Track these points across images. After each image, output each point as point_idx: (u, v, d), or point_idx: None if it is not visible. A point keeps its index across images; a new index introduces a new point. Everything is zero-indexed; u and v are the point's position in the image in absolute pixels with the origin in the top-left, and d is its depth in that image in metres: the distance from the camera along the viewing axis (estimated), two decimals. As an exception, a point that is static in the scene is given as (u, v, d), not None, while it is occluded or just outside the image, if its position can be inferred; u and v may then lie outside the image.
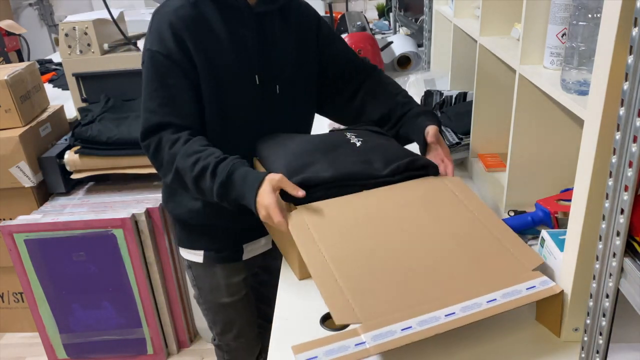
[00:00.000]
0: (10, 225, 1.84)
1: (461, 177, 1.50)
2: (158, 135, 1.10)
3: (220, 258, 1.33)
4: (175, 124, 1.10)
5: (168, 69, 1.10)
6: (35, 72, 2.17)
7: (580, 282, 0.83)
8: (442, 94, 1.68)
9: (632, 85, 0.60)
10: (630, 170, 0.62)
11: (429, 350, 0.91)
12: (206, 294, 1.40)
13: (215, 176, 1.03)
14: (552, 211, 1.06)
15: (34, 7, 4.71)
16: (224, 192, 1.03)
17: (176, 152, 1.07)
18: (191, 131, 1.11)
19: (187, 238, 1.33)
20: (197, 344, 2.19)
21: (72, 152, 1.98)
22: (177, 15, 1.10)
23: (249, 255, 1.35)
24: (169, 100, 1.10)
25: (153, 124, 1.10)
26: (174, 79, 1.10)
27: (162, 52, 1.09)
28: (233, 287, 1.38)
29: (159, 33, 1.10)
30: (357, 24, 2.57)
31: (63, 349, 2.07)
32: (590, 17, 0.82)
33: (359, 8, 4.22)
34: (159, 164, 1.12)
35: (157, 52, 1.10)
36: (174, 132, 1.09)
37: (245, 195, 1.01)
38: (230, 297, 1.39)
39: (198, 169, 1.04)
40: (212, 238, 1.31)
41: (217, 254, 1.32)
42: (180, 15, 1.10)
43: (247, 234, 1.33)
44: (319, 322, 0.99)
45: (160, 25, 1.11)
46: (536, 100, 1.07)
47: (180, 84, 1.11)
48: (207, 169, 1.04)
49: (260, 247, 1.37)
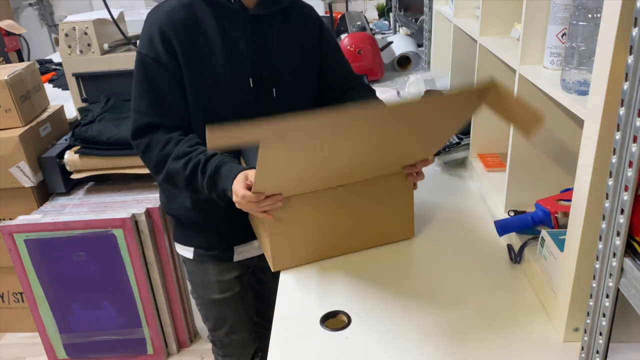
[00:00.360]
0: (10, 225, 1.84)
1: (461, 177, 1.51)
2: (148, 136, 1.13)
3: (210, 256, 1.35)
4: (165, 125, 1.13)
5: (156, 72, 1.12)
6: (35, 72, 2.17)
7: (580, 282, 0.83)
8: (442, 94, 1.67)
9: (632, 85, 0.60)
10: (630, 170, 0.62)
11: (429, 351, 0.91)
12: (198, 289, 1.43)
13: (205, 171, 1.07)
14: (552, 211, 1.06)
15: (34, 7, 4.71)
16: (212, 184, 1.07)
17: (167, 154, 1.11)
18: (182, 131, 1.14)
19: (181, 233, 1.36)
20: (197, 344, 2.19)
21: (72, 152, 1.98)
22: (168, 18, 1.12)
23: (241, 257, 1.36)
24: (158, 102, 1.13)
25: (142, 125, 1.13)
26: (163, 81, 1.13)
27: (151, 55, 1.12)
28: (224, 284, 1.39)
29: (149, 36, 1.12)
30: (357, 24, 2.57)
31: (63, 349, 2.07)
32: (590, 17, 0.81)
33: (359, 8, 4.22)
34: (149, 164, 1.16)
35: (146, 55, 1.12)
36: (164, 133, 1.13)
37: (229, 186, 1.04)
38: (221, 293, 1.40)
39: (189, 169, 1.09)
40: (203, 236, 1.33)
41: (207, 252, 1.34)
42: (171, 18, 1.11)
43: (239, 236, 1.33)
44: (319, 322, 0.99)
45: (151, 28, 1.13)
46: (536, 100, 1.07)
47: (168, 85, 1.13)
48: (198, 166, 1.08)
49: (254, 249, 1.37)
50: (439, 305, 1.01)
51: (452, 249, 1.18)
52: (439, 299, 1.03)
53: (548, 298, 0.96)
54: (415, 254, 1.17)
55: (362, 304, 1.03)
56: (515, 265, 1.11)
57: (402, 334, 0.95)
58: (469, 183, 1.48)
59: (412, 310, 1.00)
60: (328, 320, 1.00)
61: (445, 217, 1.31)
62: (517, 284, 1.05)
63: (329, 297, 1.05)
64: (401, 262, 1.15)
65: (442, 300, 1.03)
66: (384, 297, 1.04)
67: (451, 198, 1.40)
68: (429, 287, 1.06)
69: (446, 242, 1.21)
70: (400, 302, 1.03)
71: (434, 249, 1.18)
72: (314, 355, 0.92)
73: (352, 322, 0.98)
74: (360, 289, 1.07)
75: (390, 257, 1.16)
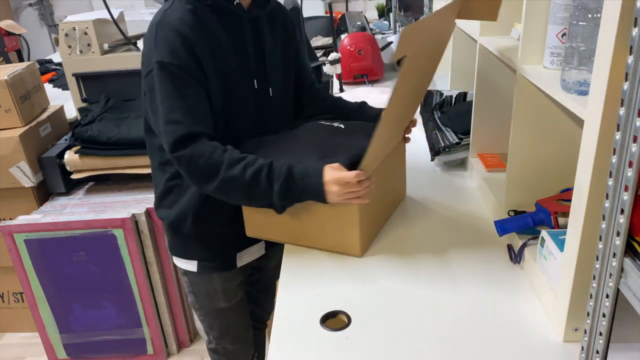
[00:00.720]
0: (10, 225, 1.84)
1: (461, 177, 1.51)
2: (190, 146, 1.07)
3: (214, 267, 1.32)
4: (204, 133, 1.09)
5: (184, 79, 1.08)
6: (35, 72, 2.17)
7: (580, 282, 0.83)
8: (442, 94, 1.68)
9: (632, 85, 0.60)
10: (630, 170, 0.62)
11: (429, 351, 0.91)
12: (203, 300, 1.39)
13: (272, 178, 1.06)
14: (552, 211, 1.06)
15: (34, 7, 4.72)
16: (287, 190, 1.06)
17: (219, 162, 1.07)
18: (217, 140, 1.11)
19: (180, 247, 1.32)
20: (197, 344, 2.19)
21: (72, 152, 1.98)
22: (183, 24, 1.08)
23: (243, 263, 1.36)
24: (191, 110, 1.09)
25: (182, 135, 1.07)
26: (191, 88, 1.09)
27: (175, 62, 1.07)
28: (230, 292, 1.38)
29: (167, 44, 1.08)
30: (357, 24, 2.57)
31: (63, 349, 2.07)
32: (590, 17, 0.81)
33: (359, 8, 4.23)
34: (197, 174, 1.10)
35: (169, 63, 1.07)
36: (206, 141, 1.08)
37: (312, 185, 1.05)
38: (227, 302, 1.39)
39: (249, 174, 1.05)
40: (205, 247, 1.30)
41: (211, 264, 1.32)
42: (187, 24, 1.09)
43: (240, 242, 1.32)
44: (319, 322, 0.99)
45: (167, 35, 1.08)
46: (536, 100, 1.07)
47: (196, 93, 1.10)
48: (261, 172, 1.05)
49: (255, 252, 1.37)
50: (439, 305, 1.01)
51: (452, 249, 1.18)
52: (438, 299, 1.03)
53: (548, 298, 0.96)
54: (415, 254, 1.17)
55: (362, 304, 1.03)
56: (515, 265, 1.11)
57: (402, 334, 0.95)
58: (469, 183, 1.48)
59: (412, 310, 1.00)
60: (328, 320, 1.00)
61: (445, 217, 1.31)
62: (517, 284, 1.05)
63: (329, 297, 1.05)
64: (401, 262, 1.15)
65: (441, 299, 1.03)
66: (384, 297, 1.04)
67: (451, 198, 1.40)
68: (429, 287, 1.06)
69: (446, 242, 1.20)
70: (400, 302, 1.03)
71: (433, 249, 1.18)
72: (314, 355, 0.92)
73: (352, 322, 0.98)
74: (360, 289, 1.07)
75: (390, 256, 1.16)
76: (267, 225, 1.21)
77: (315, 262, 1.17)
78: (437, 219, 1.30)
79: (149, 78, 1.10)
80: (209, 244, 1.29)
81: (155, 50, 1.09)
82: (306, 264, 1.16)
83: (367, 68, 2.36)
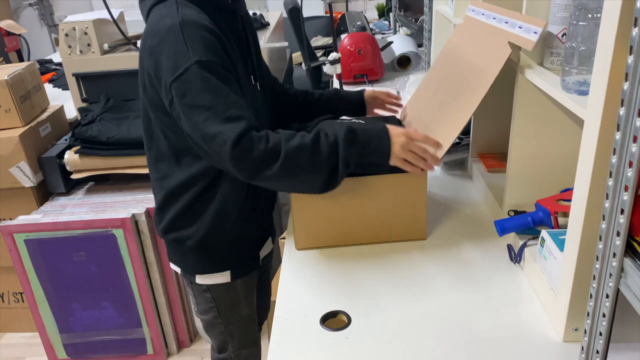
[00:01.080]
0: (10, 225, 1.84)
1: (461, 177, 1.51)
2: (247, 135, 1.02)
3: (244, 271, 1.30)
4: (255, 124, 1.06)
5: (226, 76, 1.05)
6: (35, 72, 2.17)
7: (580, 282, 0.83)
8: (442, 94, 1.67)
9: (632, 85, 0.60)
10: (630, 170, 0.62)
11: (429, 350, 0.91)
12: (227, 312, 1.34)
13: (334, 135, 1.06)
14: (552, 211, 1.06)
15: (34, 7, 4.72)
16: (352, 139, 1.06)
17: (278, 140, 1.03)
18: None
19: (209, 262, 1.26)
20: (197, 344, 2.19)
21: (72, 152, 1.98)
22: (208, 22, 1.06)
23: (260, 258, 1.35)
24: (243, 104, 1.06)
25: (244, 129, 1.02)
26: (234, 84, 1.07)
27: (217, 60, 1.04)
28: (250, 297, 1.36)
29: (203, 42, 1.03)
30: (357, 24, 2.57)
31: (63, 349, 2.07)
32: (590, 17, 0.81)
33: (359, 8, 4.23)
34: (258, 161, 1.03)
35: (211, 61, 1.02)
36: (258, 130, 1.05)
37: (377, 132, 1.08)
38: (248, 307, 1.37)
39: (310, 139, 1.04)
40: (237, 252, 1.27)
41: (241, 268, 1.29)
42: (210, 23, 1.06)
43: (261, 239, 1.33)
44: (319, 322, 0.99)
45: (200, 34, 1.04)
46: (536, 100, 1.07)
47: (236, 89, 1.07)
48: (319, 135, 1.05)
49: (268, 246, 1.37)
50: (439, 304, 1.01)
51: (452, 249, 1.18)
52: (438, 299, 1.03)
53: (548, 298, 0.96)
54: (415, 254, 1.17)
55: (362, 304, 1.03)
56: (515, 265, 1.11)
57: (402, 334, 0.95)
58: (469, 183, 1.48)
59: (412, 310, 1.01)
60: (328, 320, 1.00)
61: (445, 217, 1.31)
62: (517, 284, 1.06)
63: (329, 297, 1.05)
64: (400, 262, 1.15)
65: (441, 299, 1.03)
66: (384, 297, 1.04)
67: (451, 198, 1.40)
68: (429, 287, 1.06)
69: (446, 242, 1.21)
70: (400, 302, 1.03)
71: (433, 249, 1.18)
72: (314, 355, 0.92)
73: (352, 322, 0.98)
74: (361, 289, 1.07)
75: (390, 257, 1.16)
76: (324, 232, 1.19)
77: (315, 262, 1.17)
78: (437, 219, 1.30)
79: (181, 81, 1.02)
80: (240, 247, 1.26)
81: (189, 50, 1.02)
82: (306, 264, 1.16)
83: (367, 68, 2.36)
